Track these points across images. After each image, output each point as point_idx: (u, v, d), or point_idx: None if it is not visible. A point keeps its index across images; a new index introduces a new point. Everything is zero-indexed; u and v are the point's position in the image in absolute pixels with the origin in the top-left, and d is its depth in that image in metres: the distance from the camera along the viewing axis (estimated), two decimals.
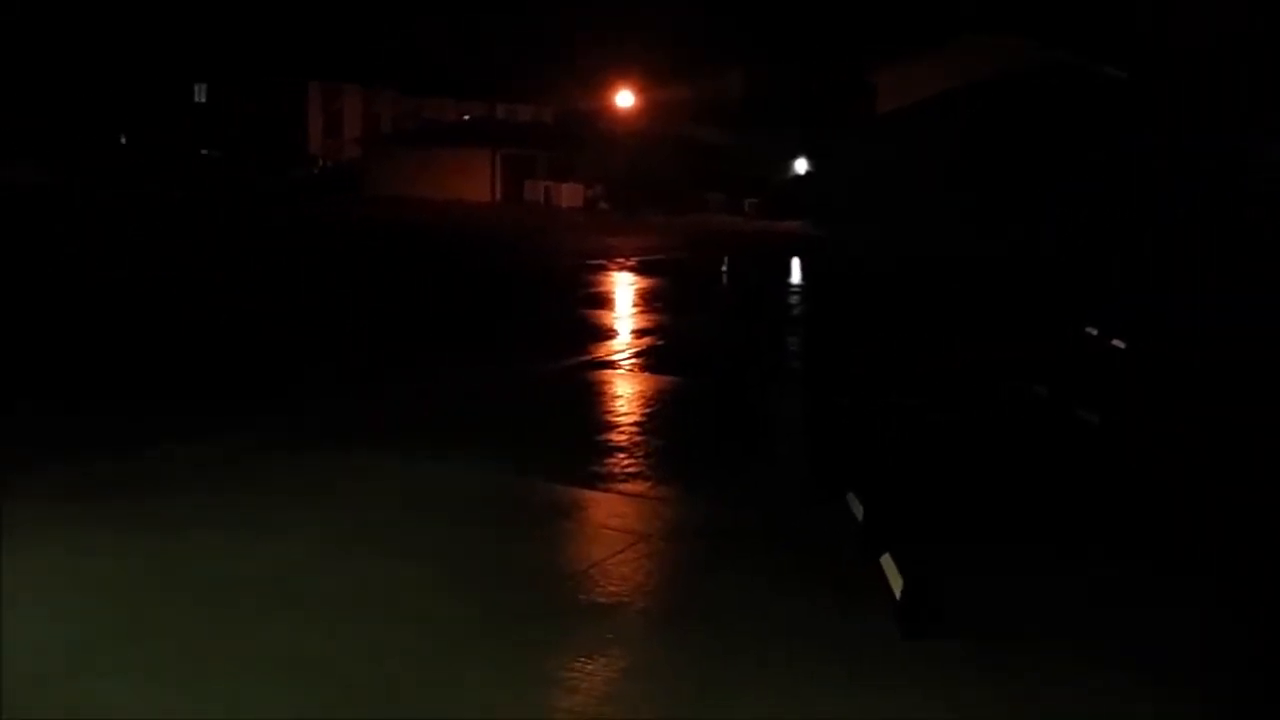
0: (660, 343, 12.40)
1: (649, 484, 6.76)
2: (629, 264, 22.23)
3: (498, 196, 47.68)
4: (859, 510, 6.05)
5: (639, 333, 13.07)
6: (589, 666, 4.24)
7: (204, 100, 66.61)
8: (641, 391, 9.71)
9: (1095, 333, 13.23)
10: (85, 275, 17.81)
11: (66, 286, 16.14)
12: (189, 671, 4.12)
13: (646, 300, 16.49)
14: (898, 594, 4.83)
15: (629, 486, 6.68)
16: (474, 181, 47.62)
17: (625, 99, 48.00)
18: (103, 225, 28.70)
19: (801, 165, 46.20)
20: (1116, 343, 12.57)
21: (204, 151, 62.97)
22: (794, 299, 18.91)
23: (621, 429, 8.15)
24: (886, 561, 5.16)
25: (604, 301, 16.25)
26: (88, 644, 4.31)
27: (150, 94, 63.46)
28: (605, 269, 21.07)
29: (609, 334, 12.89)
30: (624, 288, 18.20)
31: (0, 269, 18.19)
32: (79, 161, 51.95)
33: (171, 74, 63.82)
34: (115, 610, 4.64)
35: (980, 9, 36.83)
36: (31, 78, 58.40)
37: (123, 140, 64.44)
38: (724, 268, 23.89)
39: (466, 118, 62.22)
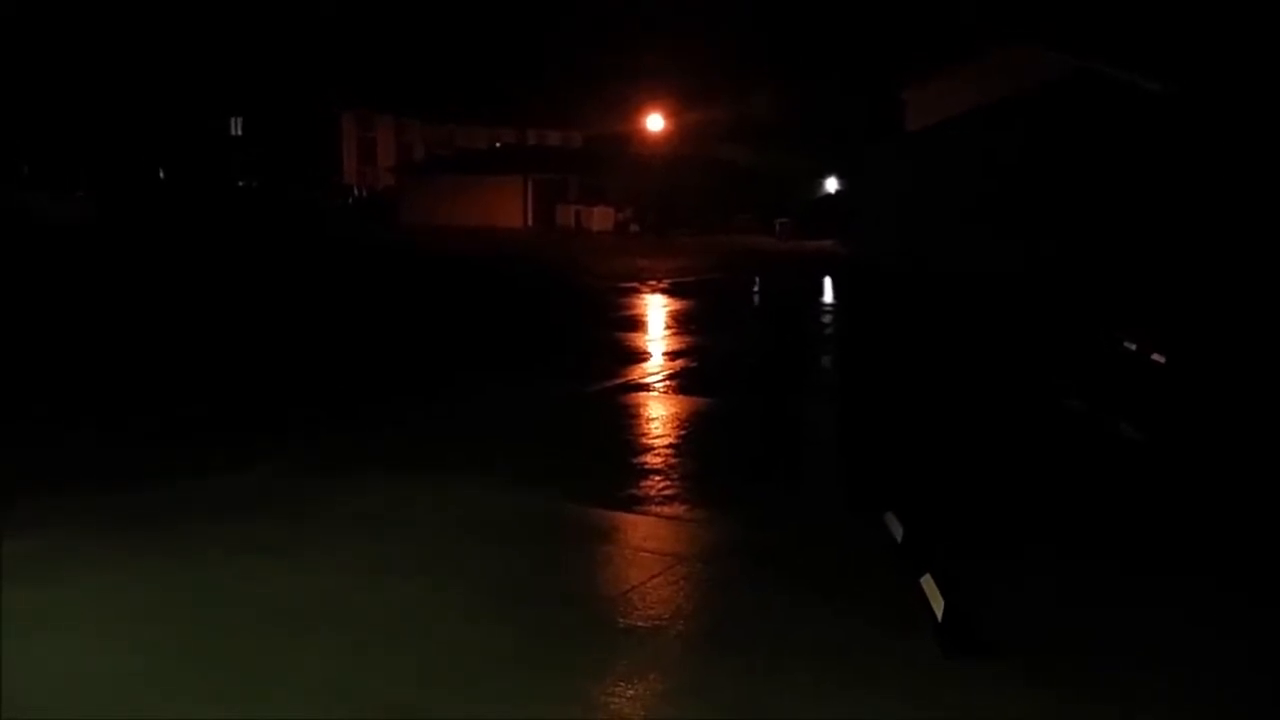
0: (693, 364, 12.40)
1: (685, 506, 6.75)
2: (660, 286, 22.28)
3: (529, 221, 48.00)
4: (897, 530, 6.01)
5: (672, 354, 13.09)
6: (629, 690, 4.24)
7: (240, 133, 67.71)
8: (676, 413, 9.72)
9: (1134, 347, 13.10)
10: (130, 305, 18.10)
11: (113, 315, 16.42)
12: (234, 696, 4.16)
13: (678, 322, 16.52)
14: (939, 615, 4.79)
15: (665, 509, 6.68)
16: (506, 207, 48.00)
17: (655, 122, 48.25)
18: (145, 257, 29.19)
19: (832, 184, 46.18)
20: (1156, 357, 12.43)
21: (241, 183, 63.97)
22: (826, 318, 18.86)
23: (656, 451, 8.16)
24: (927, 582, 5.12)
25: (636, 324, 16.29)
26: (132, 670, 4.37)
27: (187, 128, 64.60)
28: (637, 291, 21.13)
29: (642, 356, 12.92)
30: (656, 310, 18.24)
31: (48, 300, 18.53)
32: (120, 196, 52.88)
33: (208, 107, 64.96)
34: (159, 636, 4.69)
35: (1010, 22, 36.69)
36: (71, 117, 59.63)
37: (161, 174, 65.62)
38: (755, 288, 23.88)
39: (498, 144, 62.77)
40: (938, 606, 4.86)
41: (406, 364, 12.57)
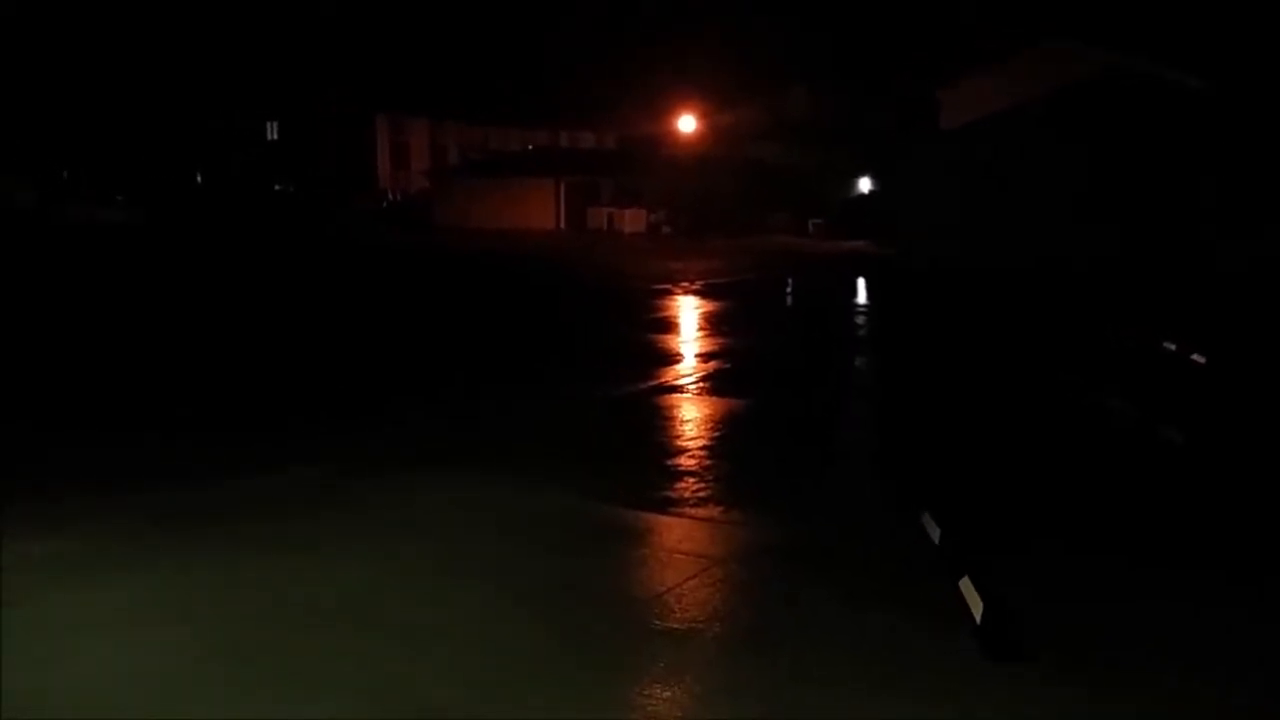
0: (727, 366, 12.38)
1: (720, 508, 6.74)
2: (693, 288, 22.26)
3: (562, 224, 48.12)
4: (934, 531, 5.96)
5: (705, 356, 13.07)
6: (665, 692, 4.23)
7: (276, 137, 68.36)
8: (709, 415, 9.70)
9: (1174, 348, 12.93)
10: (167, 308, 18.33)
11: (150, 318, 16.63)
12: (269, 697, 4.19)
13: (711, 323, 16.49)
14: (978, 617, 4.75)
15: (700, 510, 6.67)
16: (538, 209, 48.14)
17: (687, 123, 48.21)
18: (179, 261, 29.55)
19: (865, 184, 45.94)
20: (1196, 358, 12.26)
21: (277, 187, 64.58)
22: (861, 319, 18.76)
23: (691, 453, 8.14)
24: (965, 584, 5.07)
25: (669, 326, 16.28)
26: (167, 670, 4.41)
27: (223, 132, 65.35)
28: (670, 293, 21.12)
29: (675, 358, 12.91)
30: (688, 311, 18.22)
31: (86, 301, 18.81)
32: (157, 201, 53.56)
33: (244, 112, 65.67)
34: (192, 636, 4.73)
35: (1045, 19, 36.33)
36: (109, 123, 60.50)
37: (198, 178, 66.40)
38: (788, 289, 23.80)
39: (530, 147, 62.96)
40: (977, 609, 4.81)
41: (437, 368, 12.63)
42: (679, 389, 10.85)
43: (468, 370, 12.27)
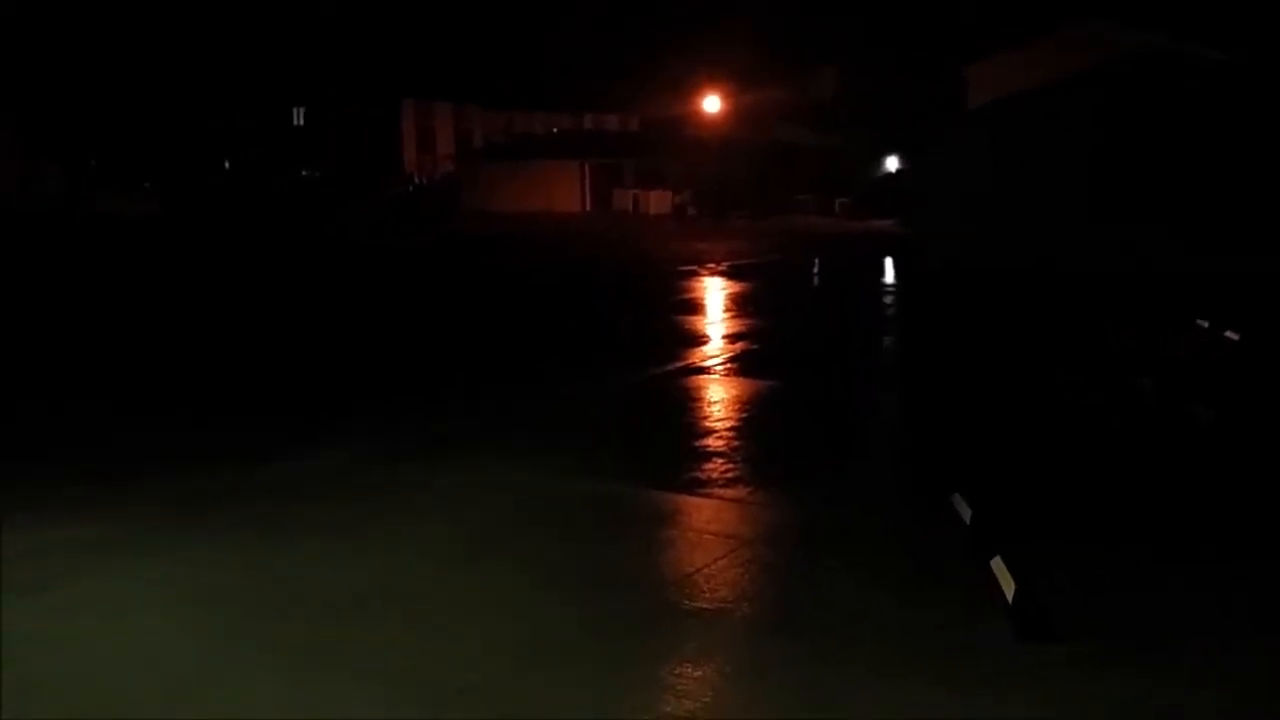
0: (754, 347, 12.35)
1: (749, 489, 6.73)
2: (719, 269, 22.20)
3: (587, 206, 48.08)
4: (965, 512, 5.92)
5: (732, 337, 13.04)
6: (695, 672, 4.24)
7: (302, 123, 68.64)
8: (738, 396, 9.68)
9: (1206, 325, 12.77)
10: (190, 299, 18.49)
11: (173, 310, 16.79)
12: (303, 676, 4.23)
13: (738, 305, 16.44)
14: (1010, 598, 4.72)
15: (729, 491, 6.66)
16: (564, 192, 48.11)
17: (712, 103, 47.94)
18: (202, 254, 29.77)
19: (892, 163, 45.59)
20: (1230, 334, 12.10)
21: (304, 172, 64.87)
22: (888, 300, 18.64)
23: (719, 434, 8.13)
24: (998, 565, 5.04)
25: (696, 307, 16.25)
26: (203, 653, 4.46)
27: (250, 119, 65.66)
28: (696, 274, 21.07)
29: (702, 340, 12.88)
30: (715, 293, 18.18)
31: (113, 294, 19.01)
32: (183, 190, 53.84)
33: (271, 99, 65.97)
34: (222, 620, 4.78)
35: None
36: (136, 111, 60.94)
37: (226, 165, 66.77)
38: (815, 270, 23.69)
39: (555, 130, 62.90)
40: (1008, 590, 4.78)
41: (465, 352, 12.67)
42: (706, 370, 10.83)
43: (493, 356, 12.30)
